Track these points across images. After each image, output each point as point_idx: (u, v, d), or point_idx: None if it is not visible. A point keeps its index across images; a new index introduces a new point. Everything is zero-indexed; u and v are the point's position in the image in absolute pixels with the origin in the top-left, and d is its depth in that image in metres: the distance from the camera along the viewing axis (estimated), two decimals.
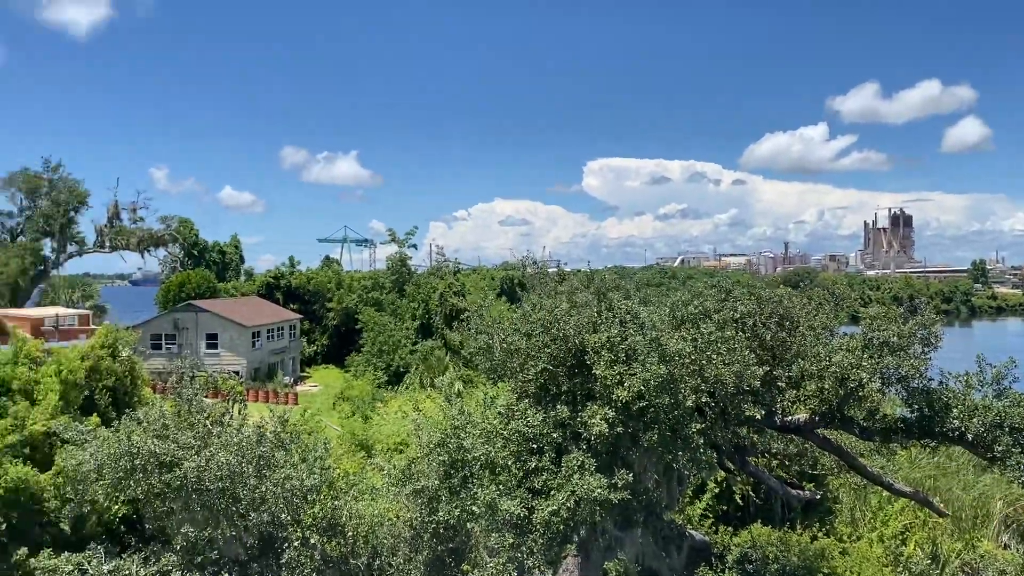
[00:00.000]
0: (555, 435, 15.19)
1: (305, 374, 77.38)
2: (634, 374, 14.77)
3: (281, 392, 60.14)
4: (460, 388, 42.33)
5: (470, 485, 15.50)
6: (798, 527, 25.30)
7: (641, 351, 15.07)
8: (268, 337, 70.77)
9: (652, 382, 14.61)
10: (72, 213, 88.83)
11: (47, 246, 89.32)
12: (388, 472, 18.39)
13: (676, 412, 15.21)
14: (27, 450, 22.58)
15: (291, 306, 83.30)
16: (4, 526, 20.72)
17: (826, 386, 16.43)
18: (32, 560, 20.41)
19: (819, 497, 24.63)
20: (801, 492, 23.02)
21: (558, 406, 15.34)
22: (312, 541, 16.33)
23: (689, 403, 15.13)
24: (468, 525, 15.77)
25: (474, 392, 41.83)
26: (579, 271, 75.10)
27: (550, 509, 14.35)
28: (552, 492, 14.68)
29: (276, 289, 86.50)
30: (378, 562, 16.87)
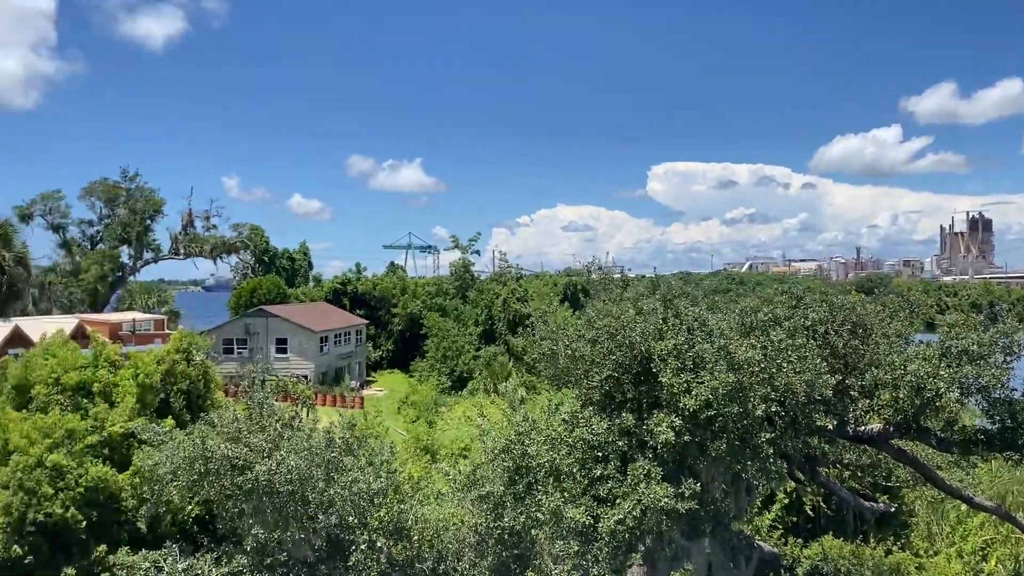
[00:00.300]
0: (620, 443, 15.06)
1: (371, 378, 78.47)
2: (702, 382, 14.56)
3: (348, 396, 61.09)
4: (523, 394, 42.36)
5: (535, 492, 15.47)
6: (871, 541, 24.57)
7: (709, 359, 14.85)
8: (335, 342, 72.02)
9: (720, 390, 14.38)
10: (148, 221, 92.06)
11: (125, 253, 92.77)
12: (453, 477, 18.49)
13: (745, 421, 14.93)
14: (106, 450, 23.39)
15: (357, 311, 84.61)
16: (85, 524, 21.50)
17: (901, 395, 15.93)
18: (111, 557, 21.17)
19: (894, 510, 23.87)
20: (875, 504, 22.34)
21: (623, 414, 15.20)
22: (379, 544, 16.52)
23: (758, 412, 14.84)
24: (533, 532, 15.74)
25: (537, 398, 41.82)
26: (643, 277, 74.51)
27: (616, 518, 14.23)
28: (618, 500, 14.55)
29: (343, 295, 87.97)
30: (443, 567, 16.97)
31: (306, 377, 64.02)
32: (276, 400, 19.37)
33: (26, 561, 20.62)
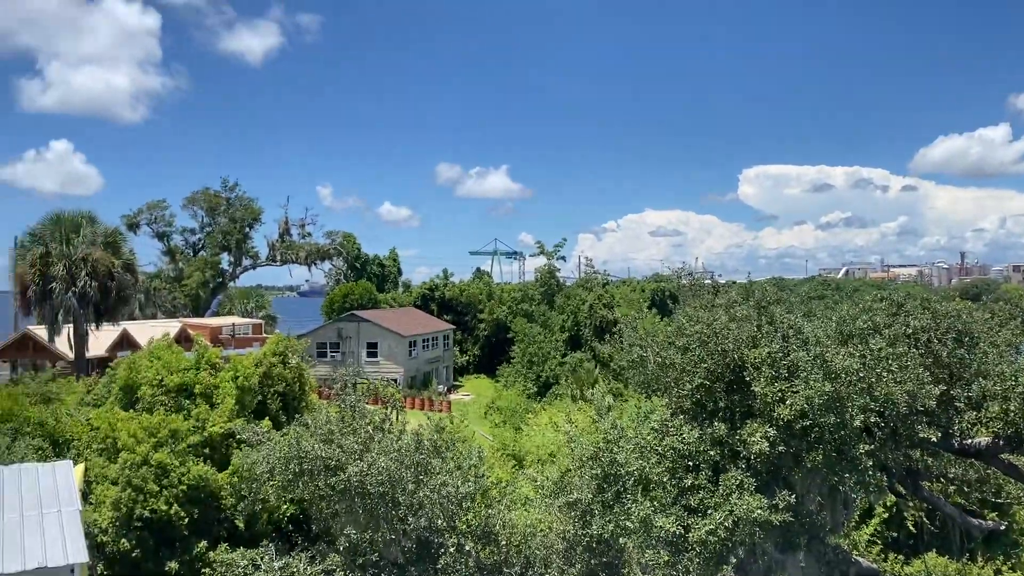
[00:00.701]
0: (712, 452, 14.77)
1: (458, 383, 79.26)
2: (797, 391, 14.14)
3: (436, 400, 61.85)
4: (610, 401, 41.98)
5: (623, 500, 15.31)
6: (979, 560, 23.39)
7: (804, 367, 14.42)
8: (423, 346, 73.07)
9: (816, 400, 13.94)
10: (247, 229, 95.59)
11: (225, 260, 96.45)
12: (541, 483, 18.48)
13: (842, 432, 14.43)
14: (207, 450, 24.30)
15: (444, 317, 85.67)
16: (187, 520, 22.37)
17: (1011, 408, 15.11)
18: (211, 553, 21.98)
19: (1004, 528, 22.66)
20: (982, 521, 21.25)
21: (715, 423, 14.91)
22: (467, 548, 16.64)
23: (856, 423, 14.32)
24: (621, 540, 15.57)
25: (623, 405, 41.42)
26: (734, 283, 73.03)
27: (707, 528, 13.95)
28: (709, 511, 14.26)
29: (431, 300, 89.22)
30: (531, 572, 16.97)
31: (395, 381, 65.12)
32: (367, 403, 19.74)
33: (133, 555, 21.59)
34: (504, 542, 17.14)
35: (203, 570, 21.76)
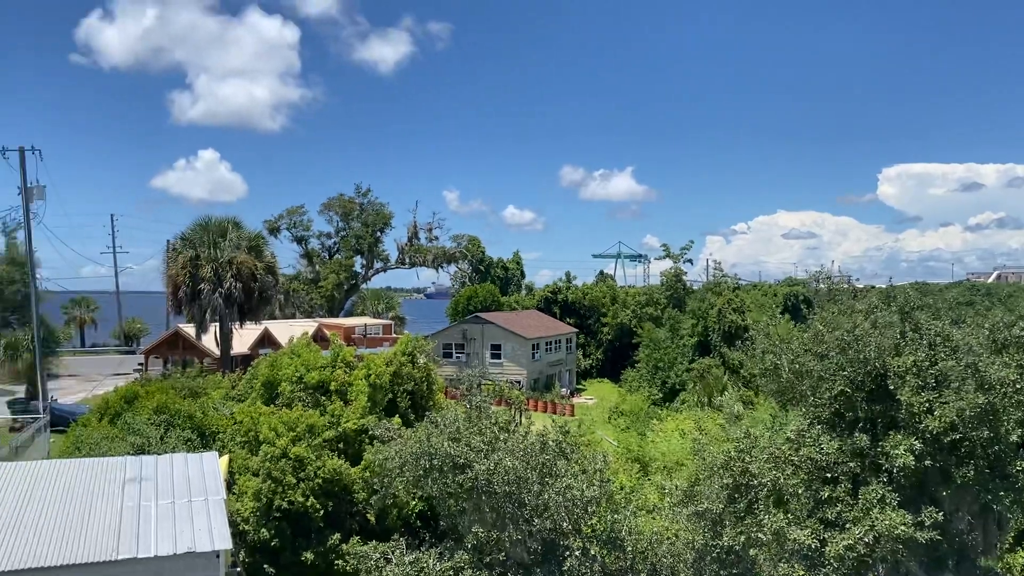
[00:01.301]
0: (852, 464, 14.10)
1: (580, 387, 79.06)
2: (946, 402, 13.31)
3: (559, 403, 61.91)
4: (739, 409, 40.80)
5: (756, 511, 14.84)
6: None
7: (954, 377, 13.56)
8: (546, 349, 73.32)
9: (968, 412, 13.08)
10: (378, 233, 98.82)
11: (358, 263, 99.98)
12: (669, 491, 18.14)
13: (997, 447, 13.49)
14: (341, 445, 25.17)
15: (567, 320, 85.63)
16: (322, 513, 23.24)
17: None
18: (344, 546, 22.76)
19: None
20: None
21: (856, 433, 14.23)
22: (592, 552, 16.53)
23: (1013, 438, 13.36)
24: (752, 552, 15.09)
25: (753, 414, 40.15)
26: (873, 287, 69.44)
27: (845, 543, 13.33)
28: (847, 525, 13.63)
29: (554, 303, 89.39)
30: None
31: (518, 383, 65.64)
32: (492, 404, 19.94)
33: (272, 544, 22.62)
34: (629, 548, 16.91)
35: (336, 561, 22.53)
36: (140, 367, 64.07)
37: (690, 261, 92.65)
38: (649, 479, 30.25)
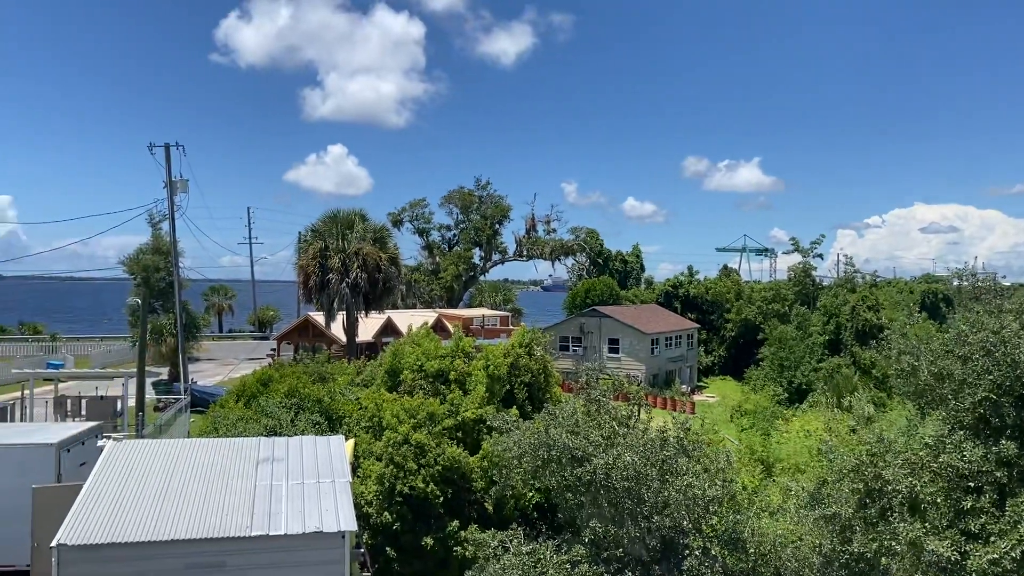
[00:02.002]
0: (998, 474, 13.16)
1: (702, 384, 77.52)
2: None
3: (679, 400, 60.90)
4: (871, 411, 38.99)
5: (889, 519, 14.08)
6: None
7: None
8: (666, 344, 72.23)
9: None
10: (497, 226, 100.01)
11: (476, 255, 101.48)
12: (795, 493, 17.49)
13: None
14: (459, 433, 25.59)
15: (688, 315, 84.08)
16: (441, 499, 23.70)
17: None
18: (463, 532, 23.13)
19: None
20: None
21: (1003, 441, 13.27)
22: (713, 552, 16.14)
23: None
24: (884, 561, 14.36)
25: (885, 416, 38.31)
26: (1022, 286, 64.87)
27: (989, 557, 12.45)
28: (992, 538, 12.73)
29: (674, 298, 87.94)
30: None
31: (636, 378, 64.96)
32: (610, 398, 19.77)
33: (394, 527, 23.24)
34: (752, 550, 16.41)
35: (455, 547, 22.93)
36: (273, 352, 67.23)
37: (820, 256, 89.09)
38: (773, 480, 29.30)
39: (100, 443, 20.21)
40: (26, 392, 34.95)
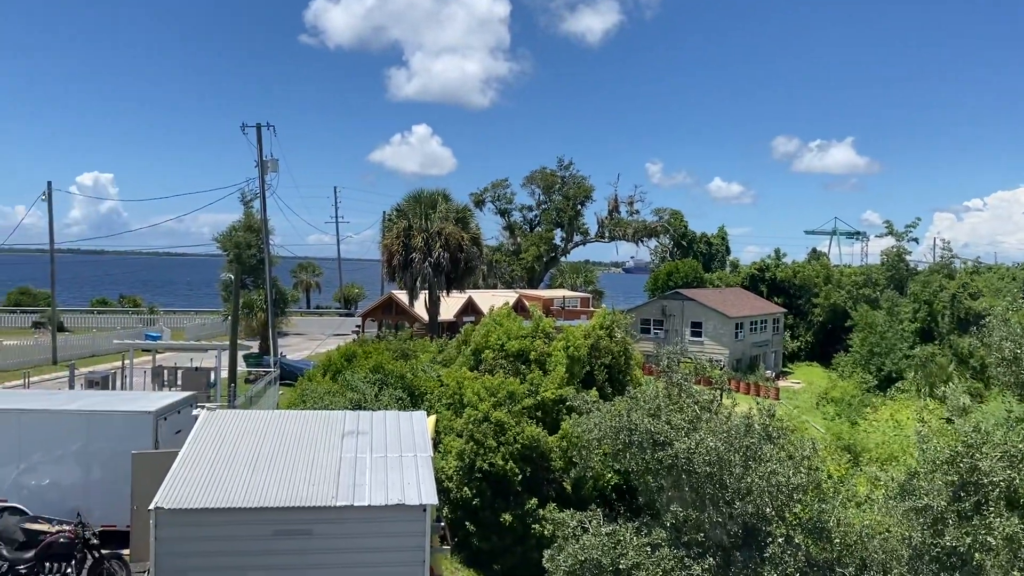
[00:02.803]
0: None
1: (787, 369, 75.73)
2: None
3: (763, 385, 59.69)
4: (967, 401, 37.40)
5: (984, 512, 13.54)
6: None
7: None
8: (751, 329, 70.78)
9: None
10: (579, 206, 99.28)
11: (557, 235, 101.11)
12: (884, 483, 16.96)
13: None
14: (539, 413, 25.71)
15: (775, 299, 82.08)
16: (519, 477, 23.90)
17: None
18: (541, 511, 23.29)
19: None
20: None
21: None
22: (796, 540, 15.81)
23: None
24: (978, 556, 13.81)
25: (983, 407, 36.71)
26: None
27: None
28: None
29: (760, 281, 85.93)
30: (867, 575, 15.69)
31: (719, 362, 63.90)
32: (693, 382, 19.51)
33: (473, 503, 23.57)
34: (837, 540, 16.00)
35: (533, 525, 23.12)
36: (357, 329, 68.70)
37: (915, 240, 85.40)
38: (861, 470, 28.47)
39: (194, 412, 21.10)
40: (126, 362, 36.73)
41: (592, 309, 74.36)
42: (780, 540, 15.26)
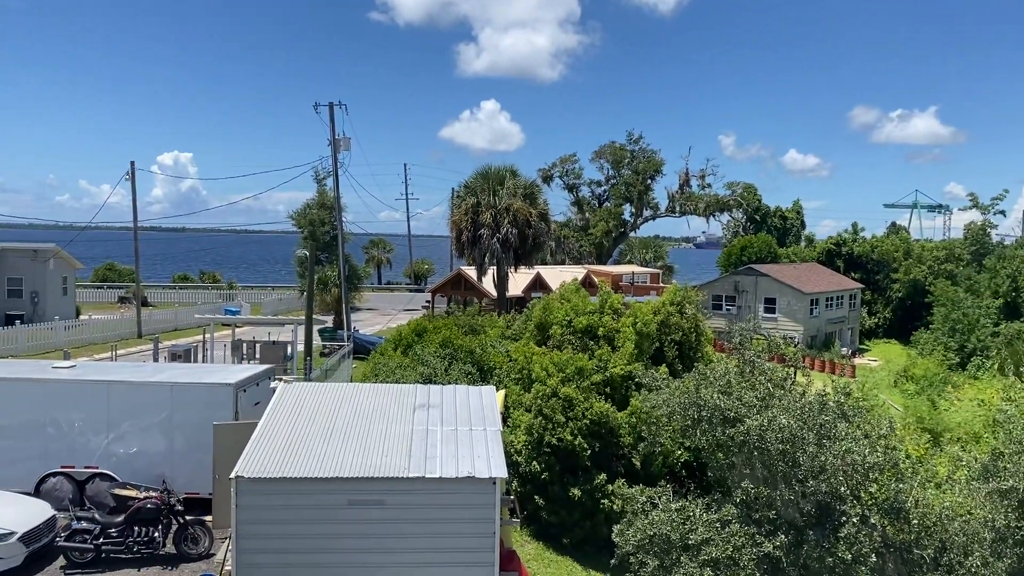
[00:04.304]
0: None
1: (863, 347, 73.82)
2: None
3: (839, 363, 58.33)
4: None
5: None
6: None
7: None
8: (826, 305, 69.13)
9: None
10: (649, 181, 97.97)
11: (627, 211, 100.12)
12: (966, 464, 16.44)
13: None
14: (607, 389, 25.64)
15: (852, 275, 79.93)
16: (588, 453, 23.93)
17: None
18: (610, 486, 23.29)
19: None
20: None
21: None
22: (872, 520, 15.48)
23: None
24: None
25: None
26: None
27: None
28: None
29: (836, 256, 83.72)
30: (946, 558, 15.25)
31: (793, 339, 62.63)
32: (766, 360, 19.19)
33: (542, 477, 23.72)
34: (916, 521, 15.60)
35: (602, 500, 23.16)
36: (427, 304, 69.52)
37: (1002, 213, 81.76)
38: (941, 450, 27.66)
39: (272, 384, 21.74)
40: (207, 336, 38.01)
41: (662, 285, 73.60)
42: (855, 520, 14.96)
